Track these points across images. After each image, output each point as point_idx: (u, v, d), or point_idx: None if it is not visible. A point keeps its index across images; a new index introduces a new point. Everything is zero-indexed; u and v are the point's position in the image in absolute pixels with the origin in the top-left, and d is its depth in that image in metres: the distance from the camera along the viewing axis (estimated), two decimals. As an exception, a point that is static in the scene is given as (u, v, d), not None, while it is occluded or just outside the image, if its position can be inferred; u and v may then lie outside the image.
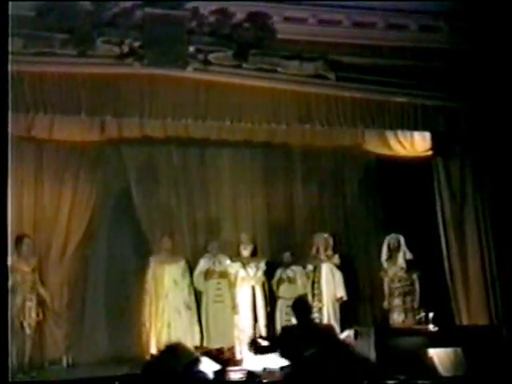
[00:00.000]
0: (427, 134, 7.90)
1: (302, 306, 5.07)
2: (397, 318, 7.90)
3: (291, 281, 8.16)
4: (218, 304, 7.89)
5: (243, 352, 7.59)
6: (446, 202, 7.81)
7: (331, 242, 8.20)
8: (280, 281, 8.19)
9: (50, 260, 7.61)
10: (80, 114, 6.88)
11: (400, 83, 7.26)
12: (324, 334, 4.73)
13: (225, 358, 7.44)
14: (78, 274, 7.85)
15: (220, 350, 7.72)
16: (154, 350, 7.27)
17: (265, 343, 6.69)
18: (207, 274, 7.96)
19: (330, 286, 8.02)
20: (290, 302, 7.13)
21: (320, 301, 7.89)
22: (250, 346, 5.63)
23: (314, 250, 8.18)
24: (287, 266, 8.19)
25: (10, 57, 3.45)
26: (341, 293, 8.01)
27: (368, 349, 6.65)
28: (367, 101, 7.34)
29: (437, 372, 6.28)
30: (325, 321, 7.64)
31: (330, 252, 8.17)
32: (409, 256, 8.00)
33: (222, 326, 7.84)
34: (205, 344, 7.78)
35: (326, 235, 8.21)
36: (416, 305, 7.85)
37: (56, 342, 7.37)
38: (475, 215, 7.76)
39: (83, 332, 7.78)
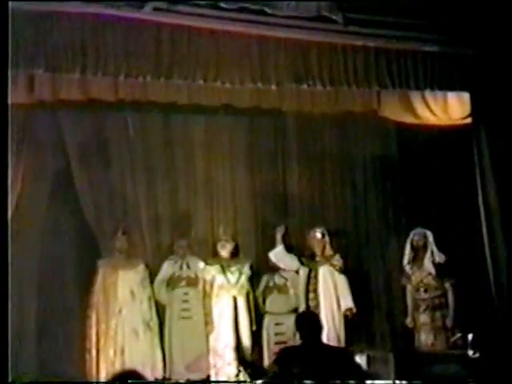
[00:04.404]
0: (466, 96, 7.54)
1: (309, 322, 4.97)
2: (424, 339, 7.63)
3: (281, 290, 7.89)
4: (185, 321, 7.57)
5: (222, 384, 7.13)
6: (491, 187, 7.36)
7: (327, 238, 7.84)
8: (266, 290, 7.85)
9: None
10: (-2, 67, 6.22)
11: (430, 27, 6.91)
12: (338, 360, 4.62)
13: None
14: (-3, 283, 7.33)
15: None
16: (103, 385, 6.78)
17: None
18: (171, 282, 7.65)
19: (330, 295, 7.75)
20: (281, 319, 7.63)
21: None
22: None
23: (308, 251, 7.86)
24: (275, 270, 7.81)
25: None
26: (348, 303, 7.65)
27: (386, 379, 6.39)
28: (385, 51, 6.99)
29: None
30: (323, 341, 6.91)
31: (328, 252, 7.81)
32: (439, 258, 7.73)
33: (191, 350, 7.50)
34: (168, 375, 7.37)
35: (320, 230, 7.85)
36: (449, 323, 7.56)
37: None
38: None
39: (4, 363, 7.19)
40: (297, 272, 7.87)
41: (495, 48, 6.98)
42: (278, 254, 7.76)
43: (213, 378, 7.40)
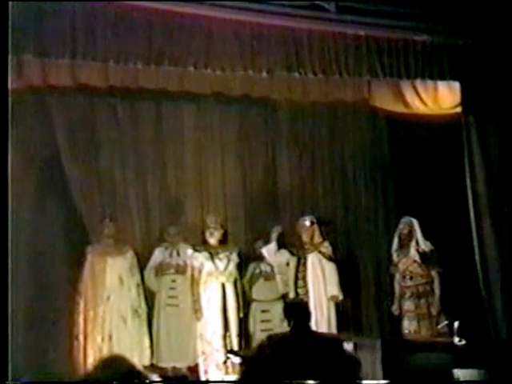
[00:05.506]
0: (456, 86, 7.53)
1: (300, 310, 4.78)
2: (408, 326, 7.61)
3: (268, 277, 7.85)
4: (171, 308, 7.51)
5: (210, 371, 7.21)
6: (480, 177, 7.39)
7: (316, 226, 7.82)
8: (253, 278, 7.83)
9: None
10: (-15, 51, 6.11)
11: (421, 16, 6.91)
12: (327, 348, 4.36)
13: (185, 381, 7.15)
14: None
15: (178, 370, 7.31)
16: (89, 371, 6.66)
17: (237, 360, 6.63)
18: (160, 269, 7.53)
19: (319, 283, 7.69)
20: (267, 306, 7.68)
21: (306, 303, 7.38)
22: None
23: (297, 239, 7.81)
24: (262, 258, 7.75)
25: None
26: (334, 290, 7.59)
27: (373, 367, 6.28)
28: (376, 40, 6.96)
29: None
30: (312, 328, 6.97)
31: (317, 239, 7.77)
32: (425, 246, 7.66)
33: (178, 337, 7.44)
34: (156, 362, 7.33)
35: (309, 218, 7.83)
36: (434, 310, 7.51)
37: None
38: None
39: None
40: (287, 264, 7.86)
41: (486, 38, 6.99)
42: (269, 250, 7.74)
43: (201, 365, 7.37)
